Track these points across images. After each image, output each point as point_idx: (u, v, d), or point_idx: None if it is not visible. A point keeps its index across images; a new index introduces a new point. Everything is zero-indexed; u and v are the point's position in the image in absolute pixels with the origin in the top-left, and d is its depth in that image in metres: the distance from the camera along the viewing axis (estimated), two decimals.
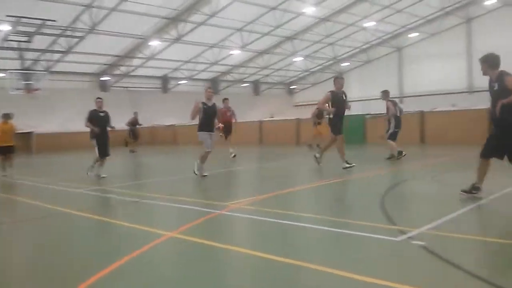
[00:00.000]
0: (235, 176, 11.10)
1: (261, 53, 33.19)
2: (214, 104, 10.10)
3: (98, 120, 10.71)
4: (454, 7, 30.39)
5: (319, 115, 18.09)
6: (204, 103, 9.96)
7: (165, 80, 35.51)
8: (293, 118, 24.34)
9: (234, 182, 9.49)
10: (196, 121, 10.07)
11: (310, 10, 26.31)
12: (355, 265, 3.85)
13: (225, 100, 15.22)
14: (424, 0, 27.91)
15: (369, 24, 29.88)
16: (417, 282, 3.43)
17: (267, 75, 40.01)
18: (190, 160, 10.25)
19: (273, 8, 25.64)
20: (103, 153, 10.82)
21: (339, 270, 3.69)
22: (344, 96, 10.49)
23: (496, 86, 6.02)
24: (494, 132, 6.28)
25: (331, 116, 10.57)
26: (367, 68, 38.66)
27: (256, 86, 41.11)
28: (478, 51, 30.85)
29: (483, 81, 8.66)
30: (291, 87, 44.30)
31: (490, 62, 6.15)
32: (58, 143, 26.85)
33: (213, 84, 38.51)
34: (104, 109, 10.93)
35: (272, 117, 33.85)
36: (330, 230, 5.11)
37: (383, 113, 12.97)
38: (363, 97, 33.75)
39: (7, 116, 12.83)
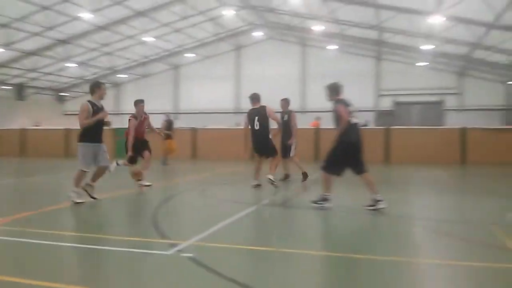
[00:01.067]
0: None
1: (29, 54, 29.92)
2: (102, 107, 7.66)
3: None
4: (226, 34, 33.17)
5: (168, 127, 16.07)
6: (92, 103, 7.46)
7: None
8: (62, 127, 22.48)
9: None
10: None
11: (86, 15, 25.02)
12: (126, 284, 3.76)
13: (139, 103, 10.27)
14: (200, 24, 29.76)
15: (148, 39, 30.17)
16: None
17: (34, 79, 36.21)
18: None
19: (46, 8, 23.50)
20: None
21: None
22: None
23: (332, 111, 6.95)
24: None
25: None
26: (144, 82, 38.75)
27: (20, 90, 36.65)
28: (245, 76, 35.08)
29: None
30: (61, 94, 41.08)
31: (331, 89, 7.05)
32: None
33: None
34: None
35: (37, 126, 30.71)
36: (96, 248, 4.88)
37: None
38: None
39: None
